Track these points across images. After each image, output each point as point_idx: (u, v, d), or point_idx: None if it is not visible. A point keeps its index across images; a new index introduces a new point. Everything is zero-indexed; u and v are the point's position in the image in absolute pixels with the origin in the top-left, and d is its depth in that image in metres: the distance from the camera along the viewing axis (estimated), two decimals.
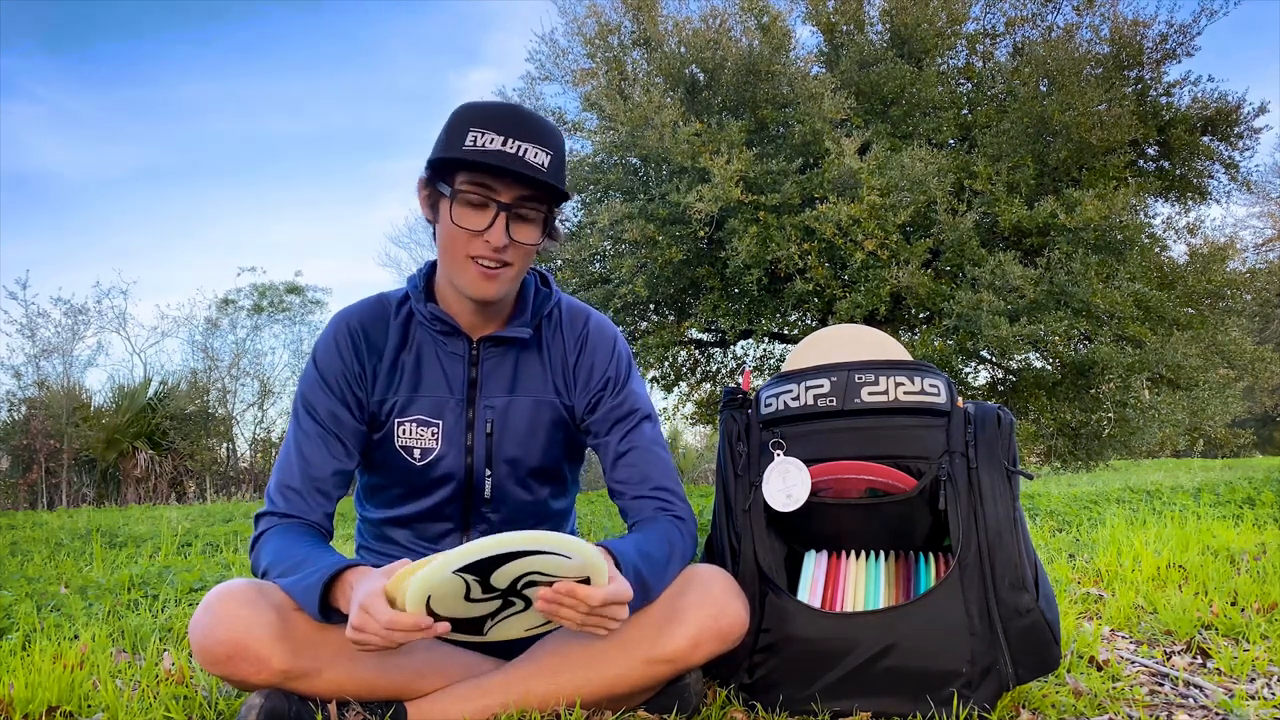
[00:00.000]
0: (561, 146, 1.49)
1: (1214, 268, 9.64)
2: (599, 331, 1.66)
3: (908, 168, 8.62)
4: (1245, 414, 18.05)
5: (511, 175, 1.43)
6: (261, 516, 1.54)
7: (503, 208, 1.44)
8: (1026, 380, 10.15)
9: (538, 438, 1.61)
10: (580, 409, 1.63)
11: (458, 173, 1.45)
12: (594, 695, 1.47)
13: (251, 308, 15.45)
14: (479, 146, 1.41)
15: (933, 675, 1.48)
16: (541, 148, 1.44)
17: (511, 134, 1.42)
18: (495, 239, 1.44)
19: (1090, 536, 3.96)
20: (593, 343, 1.64)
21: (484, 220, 1.45)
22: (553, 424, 1.62)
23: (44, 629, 2.29)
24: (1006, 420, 1.61)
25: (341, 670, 1.41)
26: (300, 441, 1.56)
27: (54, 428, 12.21)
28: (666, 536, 1.51)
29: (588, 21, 10.11)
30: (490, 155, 1.41)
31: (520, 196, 1.45)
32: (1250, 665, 1.81)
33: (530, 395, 1.61)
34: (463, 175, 1.45)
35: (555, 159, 1.46)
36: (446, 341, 1.60)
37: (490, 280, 1.48)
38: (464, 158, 1.42)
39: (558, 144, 1.48)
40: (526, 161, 1.42)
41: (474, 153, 1.41)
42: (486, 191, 1.44)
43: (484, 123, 1.43)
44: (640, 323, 10.71)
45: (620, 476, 1.60)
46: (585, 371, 1.63)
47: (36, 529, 6.08)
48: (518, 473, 1.61)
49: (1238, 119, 9.85)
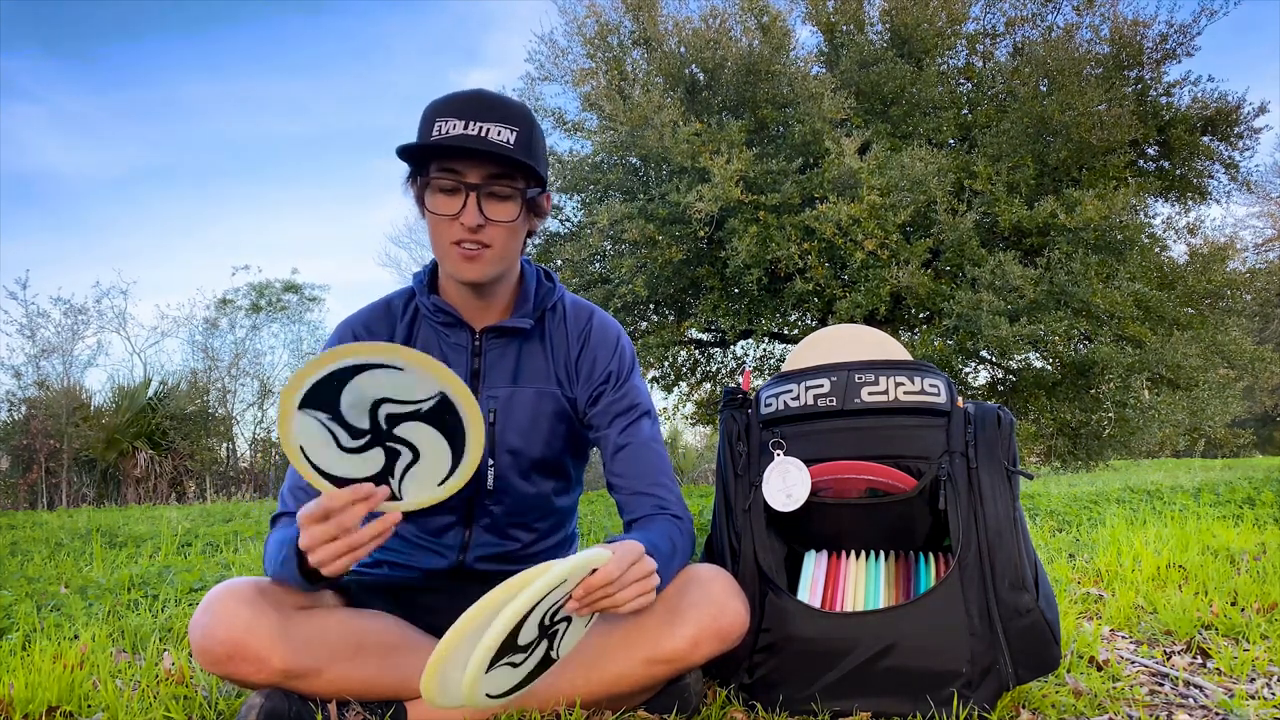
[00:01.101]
0: (528, 121, 1.49)
1: (1214, 268, 9.64)
2: (602, 327, 1.67)
3: (908, 168, 8.62)
4: (1245, 414, 18.06)
5: (475, 155, 1.45)
6: (276, 519, 1.55)
7: (471, 188, 1.46)
8: (1026, 380, 10.15)
9: (540, 429, 1.61)
10: (582, 402, 1.64)
11: (429, 163, 1.48)
12: (594, 695, 1.47)
13: (250, 307, 15.45)
14: (443, 134, 1.44)
15: (933, 675, 1.48)
16: (504, 125, 1.46)
17: (472, 116, 1.44)
18: (468, 219, 1.46)
19: (1090, 536, 3.96)
20: (596, 337, 1.65)
21: (456, 204, 1.48)
22: (555, 415, 1.62)
23: (44, 629, 2.29)
24: (1006, 420, 1.62)
25: (342, 670, 1.41)
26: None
27: (54, 428, 12.21)
28: (667, 533, 1.52)
29: (587, 21, 10.12)
30: (453, 139, 1.44)
31: (489, 175, 1.47)
32: (1250, 665, 1.81)
33: (533, 386, 1.61)
34: (433, 164, 1.48)
35: (521, 134, 1.47)
36: (449, 333, 1.62)
37: (472, 262, 1.50)
38: (428, 144, 1.45)
39: (523, 119, 1.48)
40: (489, 140, 1.44)
41: (437, 140, 1.44)
42: (455, 176, 1.47)
43: (446, 110, 1.46)
44: (640, 323, 10.71)
45: (618, 470, 1.60)
46: (588, 365, 1.64)
47: (36, 529, 6.08)
48: (520, 464, 1.61)
49: (1238, 119, 9.86)
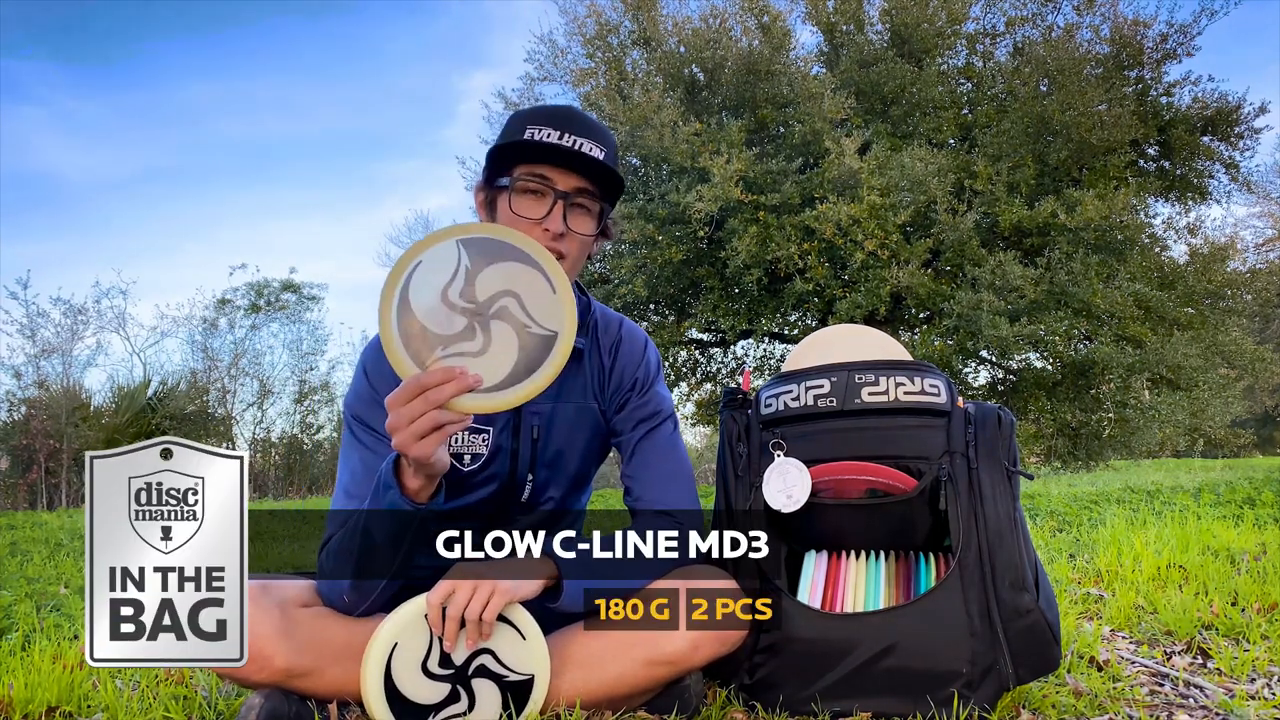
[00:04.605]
0: (614, 145, 1.55)
1: (1214, 268, 9.64)
2: (630, 337, 1.69)
3: (908, 168, 8.62)
4: (1245, 414, 18.04)
5: (568, 164, 1.48)
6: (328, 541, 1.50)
7: (560, 195, 1.49)
8: (1026, 380, 10.15)
9: (577, 444, 1.63)
10: (610, 411, 1.66)
11: (516, 165, 1.50)
12: (594, 696, 1.47)
13: (249, 307, 15.44)
14: (537, 140, 1.47)
15: (933, 675, 1.48)
16: (596, 143, 1.50)
17: (567, 129, 1.48)
18: (554, 225, 1.48)
19: (1090, 536, 3.96)
20: (625, 348, 1.67)
21: (542, 208, 1.49)
22: (591, 430, 1.64)
23: (44, 629, 2.29)
24: (1007, 420, 1.62)
25: (343, 670, 1.41)
26: (361, 455, 1.53)
27: (54, 428, 12.21)
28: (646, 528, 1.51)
29: (587, 21, 10.12)
30: (548, 146, 1.47)
31: (578, 187, 1.50)
32: (1250, 665, 1.81)
33: (573, 402, 1.63)
34: (521, 167, 1.50)
35: (609, 154, 1.52)
36: None
37: None
38: (528, 144, 1.47)
39: (611, 142, 1.54)
40: (583, 154, 1.48)
41: (533, 142, 1.47)
42: (544, 181, 1.49)
43: (540, 120, 1.49)
44: (640, 323, 10.69)
45: (633, 473, 1.62)
46: (617, 375, 1.66)
47: (36, 529, 6.08)
48: (557, 478, 1.63)
49: (1238, 119, 9.85)
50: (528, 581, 1.38)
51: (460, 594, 1.35)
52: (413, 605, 1.38)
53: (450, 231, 1.32)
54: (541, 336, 1.33)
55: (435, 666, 1.37)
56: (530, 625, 1.40)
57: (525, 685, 1.39)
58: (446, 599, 1.35)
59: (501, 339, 1.33)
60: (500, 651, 1.38)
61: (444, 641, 1.36)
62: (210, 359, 14.68)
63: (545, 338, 1.34)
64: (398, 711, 1.36)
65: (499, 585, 1.36)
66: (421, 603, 1.37)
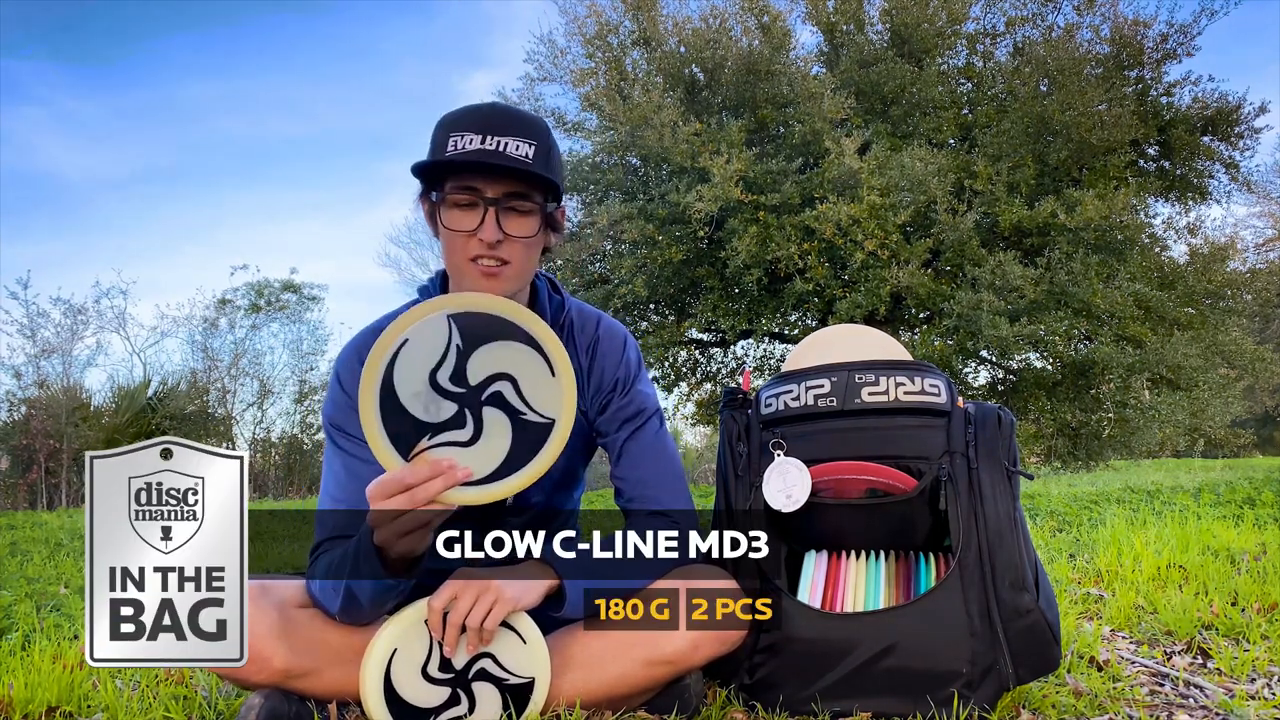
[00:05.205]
0: (545, 136, 1.48)
1: (1214, 268, 9.64)
2: (609, 335, 1.65)
3: (908, 168, 8.62)
4: (1245, 414, 18.02)
5: (493, 170, 1.43)
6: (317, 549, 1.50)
7: (490, 203, 1.44)
8: (1026, 380, 10.15)
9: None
10: (592, 412, 1.63)
11: (446, 179, 1.46)
12: (594, 696, 1.47)
13: (249, 307, 15.43)
14: (459, 149, 1.42)
15: (933, 675, 1.48)
16: (522, 139, 1.43)
17: (489, 130, 1.42)
18: (487, 235, 1.43)
19: (1090, 536, 3.96)
20: (603, 347, 1.63)
21: (474, 220, 1.45)
22: (574, 432, 1.62)
23: (44, 629, 2.29)
24: (1007, 420, 1.62)
25: (342, 671, 1.41)
26: (344, 461, 1.51)
27: (54, 428, 12.21)
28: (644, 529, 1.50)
29: (587, 21, 10.11)
30: (470, 155, 1.41)
31: (507, 192, 1.45)
32: (1250, 665, 1.81)
33: None
34: (450, 180, 1.45)
35: (539, 149, 1.45)
36: None
37: (493, 279, 1.47)
38: (445, 160, 1.42)
39: (540, 134, 1.47)
40: (507, 155, 1.42)
41: (454, 155, 1.42)
42: (472, 192, 1.44)
43: (462, 125, 1.43)
44: (640, 323, 10.71)
45: (622, 474, 1.60)
46: (597, 377, 1.62)
47: (36, 529, 6.08)
48: (541, 482, 1.61)
49: (1238, 119, 9.85)
50: (531, 590, 1.38)
51: (463, 601, 1.34)
52: (413, 610, 1.37)
53: (440, 304, 1.26)
54: (537, 424, 1.29)
55: (435, 671, 1.37)
56: (531, 629, 1.40)
57: (525, 688, 1.39)
58: (448, 605, 1.35)
59: (494, 427, 1.29)
60: (501, 655, 1.38)
61: (444, 647, 1.36)
62: (210, 359, 14.68)
63: (541, 425, 1.30)
64: (397, 715, 1.36)
65: (502, 594, 1.35)
66: (422, 607, 1.36)
